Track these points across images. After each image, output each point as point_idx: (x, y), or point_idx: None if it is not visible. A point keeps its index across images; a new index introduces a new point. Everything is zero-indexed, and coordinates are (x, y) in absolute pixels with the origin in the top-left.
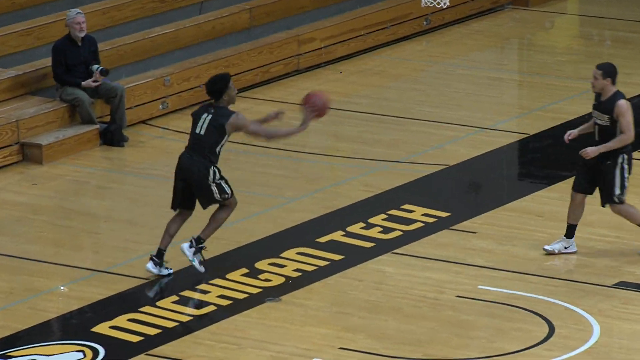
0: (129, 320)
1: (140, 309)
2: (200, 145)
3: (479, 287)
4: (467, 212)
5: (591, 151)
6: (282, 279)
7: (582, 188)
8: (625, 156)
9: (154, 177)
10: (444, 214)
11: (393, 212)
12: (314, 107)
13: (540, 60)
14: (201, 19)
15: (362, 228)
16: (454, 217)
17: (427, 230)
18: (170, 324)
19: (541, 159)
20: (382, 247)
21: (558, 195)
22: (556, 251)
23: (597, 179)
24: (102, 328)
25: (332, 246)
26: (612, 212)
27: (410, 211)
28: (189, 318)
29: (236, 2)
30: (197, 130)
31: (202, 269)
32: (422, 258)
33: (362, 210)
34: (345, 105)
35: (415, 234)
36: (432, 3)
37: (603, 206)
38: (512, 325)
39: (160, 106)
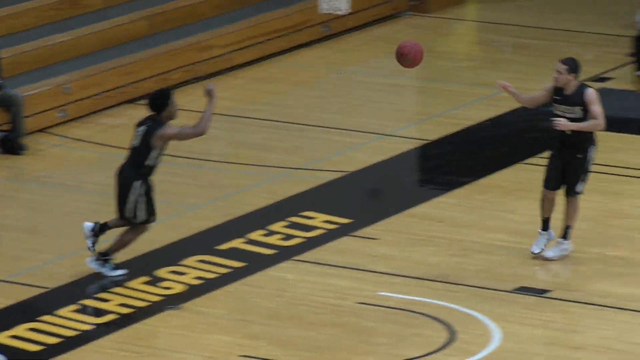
0: (29, 329)
1: (41, 318)
2: (133, 156)
3: (380, 293)
4: (368, 219)
5: (564, 124)
6: (183, 287)
7: (555, 185)
8: (594, 150)
9: (53, 185)
10: (345, 221)
11: (294, 218)
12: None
13: (440, 67)
14: (101, 26)
15: (263, 235)
16: (355, 224)
17: (328, 236)
18: (71, 333)
19: (441, 165)
20: (283, 254)
21: (457, 201)
22: (552, 255)
23: (566, 172)
24: (2, 338)
25: (233, 253)
26: (510, 217)
27: (312, 218)
28: (90, 327)
29: (136, 9)
30: (133, 141)
31: (120, 272)
32: (323, 265)
33: (263, 217)
34: (246, 112)
35: (317, 241)
36: (330, 10)
37: (568, 197)
38: (413, 331)
39: (60, 114)
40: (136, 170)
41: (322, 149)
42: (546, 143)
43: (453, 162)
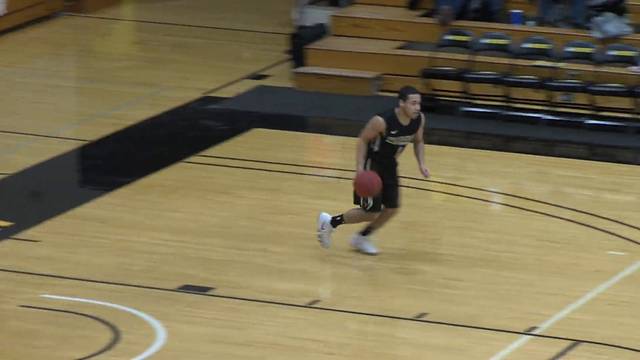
0: None
1: None
2: None
3: (43, 295)
4: (30, 221)
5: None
6: None
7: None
8: None
9: None
10: (6, 224)
11: None
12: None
13: (99, 67)
14: None
15: None
16: (15, 227)
17: None
18: None
19: (102, 165)
20: None
21: (120, 201)
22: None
23: (388, 191)
24: None
25: None
26: (173, 216)
27: None
28: None
29: None
30: None
31: None
32: None
33: None
34: None
35: None
36: None
37: (393, 209)
38: (77, 332)
39: None
40: None
41: None
42: (207, 141)
43: (114, 162)
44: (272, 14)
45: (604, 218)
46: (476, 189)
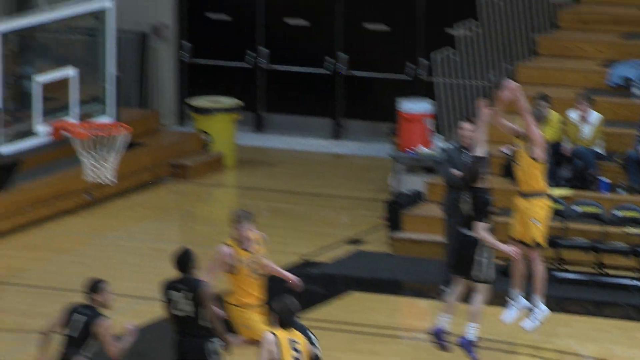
0: None
1: None
2: None
3: None
4: None
5: None
6: None
7: None
8: None
9: None
10: None
11: None
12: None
13: (200, 231)
14: None
15: None
16: None
17: None
18: None
19: None
20: None
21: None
22: None
23: None
24: None
25: None
26: None
27: None
28: None
29: None
30: None
31: None
32: None
33: None
34: (10, 279)
35: None
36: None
37: None
38: None
39: None
40: None
41: None
42: (305, 304)
43: None
44: (369, 181)
45: None
46: (566, 352)
